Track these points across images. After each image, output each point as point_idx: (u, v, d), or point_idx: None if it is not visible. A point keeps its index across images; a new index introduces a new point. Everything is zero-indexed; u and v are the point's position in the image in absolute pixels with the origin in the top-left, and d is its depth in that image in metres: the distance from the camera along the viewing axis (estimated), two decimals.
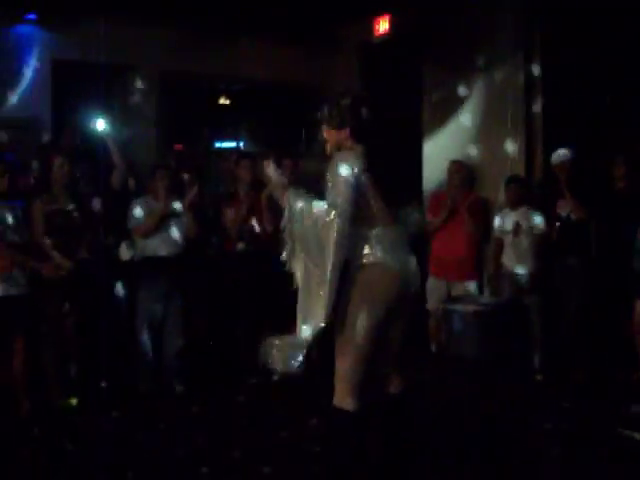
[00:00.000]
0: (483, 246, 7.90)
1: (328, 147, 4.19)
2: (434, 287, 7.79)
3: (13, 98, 8.08)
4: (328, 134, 4.18)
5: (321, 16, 8.90)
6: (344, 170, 3.92)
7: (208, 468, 4.88)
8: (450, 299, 7.71)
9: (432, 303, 7.78)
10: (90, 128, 7.47)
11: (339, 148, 4.12)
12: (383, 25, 9.24)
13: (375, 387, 4.11)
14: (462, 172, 7.91)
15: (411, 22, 8.79)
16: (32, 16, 8.22)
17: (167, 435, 5.66)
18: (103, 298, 6.38)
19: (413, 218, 4.48)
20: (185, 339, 6.80)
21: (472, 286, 7.81)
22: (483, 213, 7.87)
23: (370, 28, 9.35)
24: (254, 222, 7.05)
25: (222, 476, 4.84)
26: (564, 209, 7.14)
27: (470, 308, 7.68)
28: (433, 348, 7.84)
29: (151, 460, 5.12)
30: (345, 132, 4.10)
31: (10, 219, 6.10)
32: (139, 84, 8.43)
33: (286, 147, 8.67)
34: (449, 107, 8.53)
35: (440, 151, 8.52)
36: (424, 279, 7.83)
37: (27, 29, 8.27)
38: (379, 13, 9.19)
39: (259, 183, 6.90)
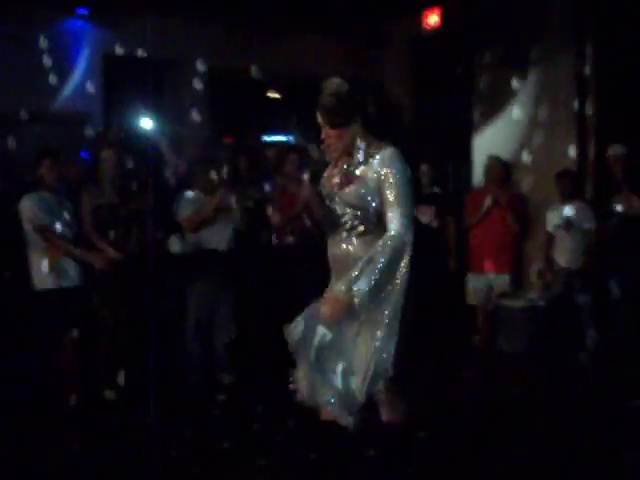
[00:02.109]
0: (522, 241, 7.86)
1: (332, 151, 3.71)
2: (475, 283, 7.76)
3: (64, 93, 8.16)
4: (333, 136, 3.65)
5: (371, 10, 8.85)
6: (405, 167, 3.55)
7: (263, 459, 4.86)
8: (498, 295, 7.67)
9: (475, 299, 7.75)
10: (140, 122, 7.54)
11: (348, 149, 3.66)
12: (433, 18, 9.17)
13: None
14: (498, 168, 7.88)
15: (462, 15, 8.71)
16: (83, 11, 8.29)
17: (216, 427, 5.68)
18: (153, 291, 6.41)
19: None
20: (235, 332, 6.80)
21: (507, 279, 7.76)
22: (521, 208, 7.82)
23: (420, 22, 9.27)
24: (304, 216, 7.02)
25: (277, 466, 4.83)
26: (620, 204, 7.03)
27: (519, 304, 7.64)
28: (478, 344, 7.80)
29: (200, 451, 5.16)
30: (355, 125, 3.62)
31: (60, 212, 6.16)
32: (189, 78, 8.45)
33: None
34: (500, 101, 8.44)
35: (491, 146, 8.43)
36: (463, 275, 7.83)
37: (78, 24, 8.35)
38: (429, 6, 9.12)
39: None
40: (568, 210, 7.30)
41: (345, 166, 3.70)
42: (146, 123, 7.52)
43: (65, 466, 4.94)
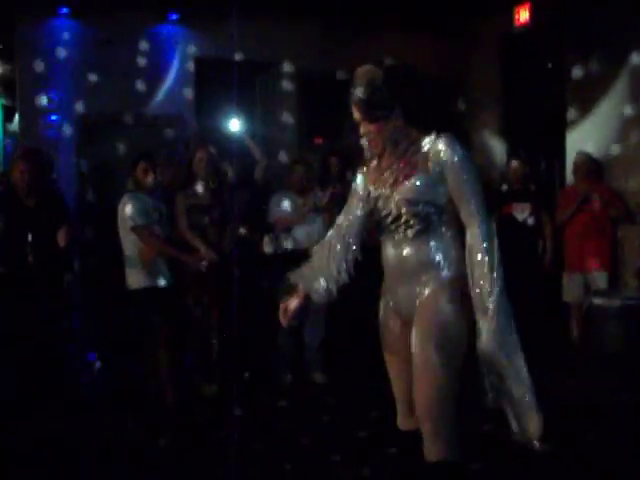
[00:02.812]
0: (617, 238, 7.71)
1: (374, 147, 3.32)
2: (571, 280, 7.64)
3: (158, 96, 8.32)
4: (374, 131, 3.26)
5: (459, 8, 8.79)
6: (467, 153, 3.21)
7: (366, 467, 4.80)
8: (593, 292, 7.53)
9: (571, 296, 7.63)
10: (231, 124, 7.64)
11: (391, 143, 3.27)
12: (523, 15, 9.04)
13: None
14: (588, 164, 7.73)
15: (552, 10, 8.57)
16: (175, 16, 8.44)
17: (308, 424, 5.71)
18: (246, 291, 6.47)
19: None
20: (326, 331, 6.83)
21: (605, 277, 7.61)
22: (619, 203, 7.65)
23: (510, 18, 9.16)
24: None
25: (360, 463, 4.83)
26: None
27: (615, 303, 7.47)
28: (575, 342, 7.67)
29: (294, 449, 5.17)
30: (396, 117, 3.21)
31: (156, 214, 6.29)
32: (280, 80, 8.52)
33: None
34: (593, 97, 8.28)
35: (584, 143, 8.27)
36: (560, 273, 7.71)
37: (170, 29, 8.50)
38: (519, 2, 9.00)
39: None
40: None
41: (393, 162, 3.30)
42: (237, 125, 7.61)
43: (158, 462, 5.03)
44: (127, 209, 6.18)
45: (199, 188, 6.59)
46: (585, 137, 8.40)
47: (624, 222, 7.70)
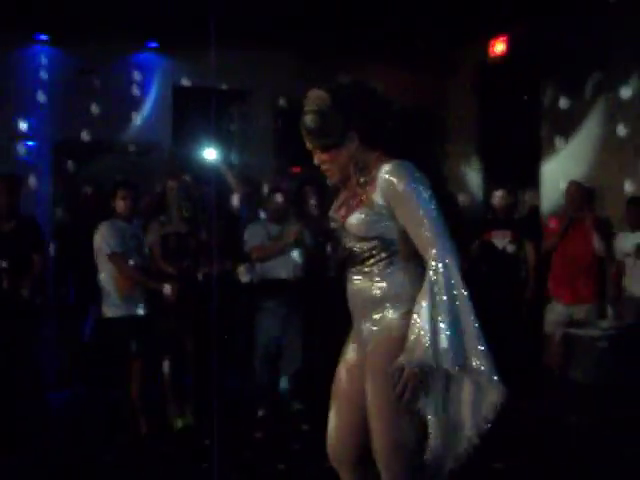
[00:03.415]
0: (605, 268, 7.71)
1: (333, 177, 3.14)
2: (554, 310, 7.64)
3: (136, 123, 8.31)
4: (328, 160, 3.07)
5: (436, 39, 8.86)
6: (418, 177, 2.92)
7: None
8: (571, 323, 7.54)
9: (550, 326, 7.63)
10: (208, 153, 7.65)
11: (349, 170, 3.07)
12: (499, 46, 9.14)
13: None
14: (580, 193, 7.73)
15: (528, 42, 8.66)
16: (153, 44, 8.45)
17: (284, 453, 5.69)
18: (221, 320, 6.46)
19: None
20: (302, 361, 6.81)
21: (592, 309, 7.60)
22: (607, 231, 7.67)
23: (486, 50, 9.25)
24: None
25: None
26: None
27: (590, 333, 7.49)
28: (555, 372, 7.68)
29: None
30: (351, 143, 3.02)
31: (133, 241, 6.27)
32: (257, 109, 8.56)
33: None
34: (568, 128, 8.35)
35: (559, 173, 8.34)
36: (542, 302, 7.72)
37: (148, 57, 8.50)
38: (495, 34, 9.09)
39: None
40: (638, 237, 7.16)
41: (349, 192, 3.13)
42: (214, 153, 7.62)
43: None
44: (104, 236, 6.16)
45: (173, 217, 6.58)
46: (560, 167, 8.46)
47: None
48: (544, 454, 5.55)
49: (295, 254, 6.72)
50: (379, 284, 3.03)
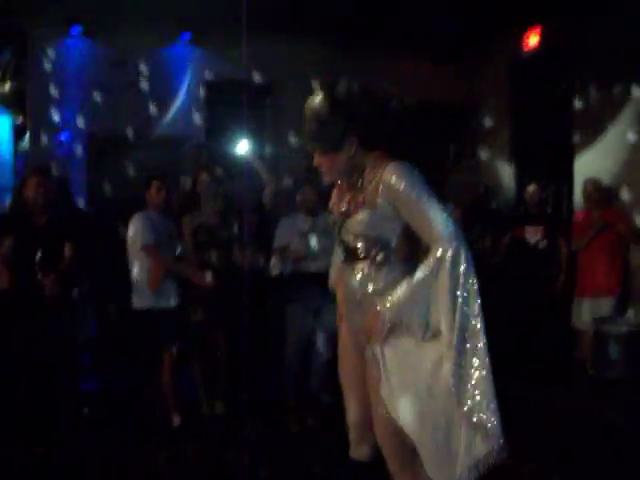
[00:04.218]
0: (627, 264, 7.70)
1: (328, 178, 3.24)
2: (580, 306, 7.63)
3: (168, 117, 8.35)
4: (326, 162, 3.16)
5: (469, 31, 8.82)
6: (415, 176, 3.01)
7: None
8: (601, 319, 7.51)
9: (579, 322, 7.62)
10: (240, 145, 7.66)
11: (344, 172, 3.18)
12: (533, 39, 9.09)
13: None
14: (597, 190, 7.72)
15: (562, 35, 8.60)
16: (187, 36, 8.48)
17: (314, 444, 5.71)
18: (253, 312, 6.48)
19: None
20: (333, 352, 6.81)
21: (614, 303, 7.59)
22: (628, 225, 7.64)
23: (520, 43, 9.20)
24: None
25: None
26: None
27: (622, 329, 7.47)
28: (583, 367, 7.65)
29: (295, 471, 5.18)
30: (350, 146, 3.10)
31: (166, 233, 6.31)
32: (290, 101, 8.56)
33: (433, 163, 8.61)
34: (601, 122, 8.30)
35: (592, 167, 8.29)
36: (570, 298, 7.70)
37: (182, 49, 8.53)
38: (529, 27, 9.04)
39: None
40: None
41: (349, 190, 3.23)
42: (246, 146, 7.64)
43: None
44: (137, 228, 6.21)
45: (205, 209, 6.61)
46: (593, 162, 8.41)
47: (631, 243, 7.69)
48: (574, 449, 5.52)
49: (327, 246, 6.71)
50: (375, 282, 3.14)
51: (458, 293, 2.88)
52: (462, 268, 2.90)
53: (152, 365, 6.33)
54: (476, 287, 2.92)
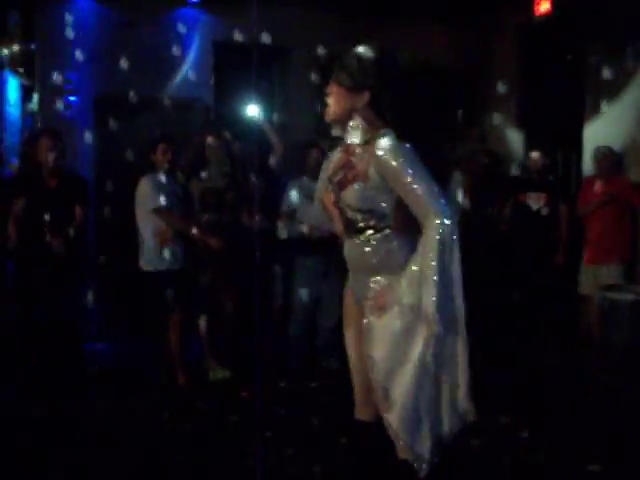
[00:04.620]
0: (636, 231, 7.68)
1: (330, 111, 3.23)
2: (588, 272, 7.62)
3: (176, 79, 8.32)
4: (337, 94, 3.17)
5: None
6: (408, 149, 3.04)
7: None
8: (607, 287, 7.51)
9: (587, 288, 7.62)
10: (248, 108, 7.64)
11: (346, 117, 3.19)
12: (544, 5, 9.00)
13: None
14: (609, 158, 7.69)
15: (573, 1, 8.52)
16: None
17: (319, 409, 5.75)
18: (260, 275, 6.49)
19: None
20: (339, 316, 6.83)
21: (621, 271, 7.59)
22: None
23: (530, 8, 9.11)
24: None
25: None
26: None
27: (628, 297, 7.47)
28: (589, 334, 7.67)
29: (306, 435, 5.22)
30: (362, 97, 3.13)
31: (173, 195, 6.32)
32: (298, 65, 8.53)
33: (442, 130, 8.56)
34: (612, 89, 8.24)
35: (602, 136, 8.24)
36: (577, 264, 7.69)
37: (190, 12, 8.49)
38: None
39: None
40: None
41: (348, 159, 3.24)
42: (254, 109, 7.62)
43: (172, 446, 5.05)
44: (146, 191, 6.23)
45: (212, 172, 6.61)
46: (603, 129, 8.37)
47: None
48: (581, 415, 5.56)
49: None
50: (374, 253, 3.19)
51: (445, 273, 2.93)
52: (452, 246, 2.95)
53: (159, 326, 6.36)
54: (459, 268, 2.98)
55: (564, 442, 5.00)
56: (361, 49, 3.13)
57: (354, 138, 3.21)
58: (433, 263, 2.90)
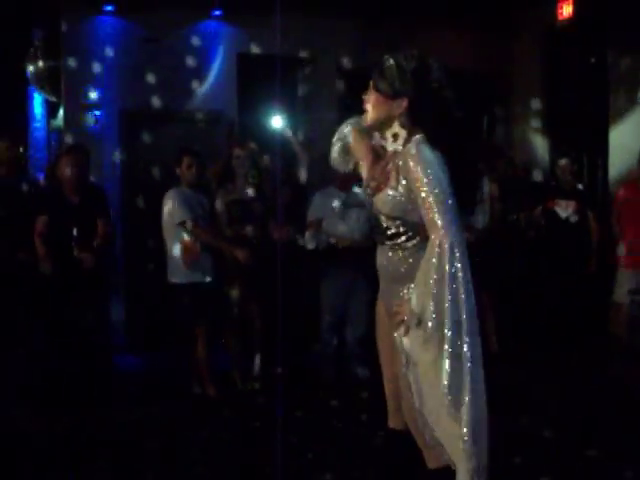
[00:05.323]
0: None
1: (368, 117, 3.24)
2: (624, 279, 7.55)
3: (201, 92, 8.36)
4: (376, 101, 3.18)
5: (504, 1, 8.75)
6: (434, 157, 3.02)
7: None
8: (636, 290, 7.46)
9: (621, 295, 7.54)
10: (273, 120, 7.67)
11: (383, 124, 3.20)
12: (567, 9, 8.97)
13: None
14: None
15: (596, 4, 8.49)
16: (218, 12, 8.47)
17: (349, 419, 5.71)
18: (288, 286, 6.50)
19: None
20: (367, 326, 6.83)
21: None
22: None
23: (553, 12, 9.08)
24: None
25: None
26: None
27: None
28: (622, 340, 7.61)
29: (336, 444, 5.19)
30: (401, 104, 3.12)
31: (199, 209, 6.35)
32: (323, 76, 8.55)
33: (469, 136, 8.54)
34: (636, 93, 8.20)
35: (628, 139, 8.19)
36: (614, 271, 7.62)
37: (213, 25, 8.53)
38: None
39: None
40: None
41: (380, 166, 3.23)
42: (279, 121, 7.64)
43: (200, 455, 5.06)
44: (173, 204, 6.26)
45: (239, 184, 6.63)
46: (628, 133, 8.32)
47: None
48: (609, 419, 5.52)
49: (359, 220, 6.72)
50: (403, 261, 3.16)
51: (448, 288, 2.87)
52: (454, 263, 2.88)
53: (188, 338, 6.38)
54: (468, 284, 2.89)
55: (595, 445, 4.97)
56: (400, 57, 3.12)
57: (391, 145, 3.21)
58: (431, 280, 2.88)
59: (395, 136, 3.19)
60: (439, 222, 2.91)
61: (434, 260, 2.89)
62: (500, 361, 6.51)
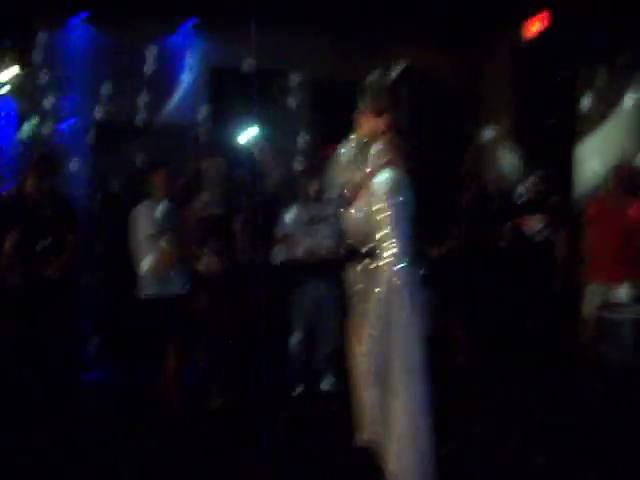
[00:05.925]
0: None
1: (359, 133, 3.43)
2: (593, 292, 7.58)
3: (171, 104, 8.34)
4: (362, 118, 3.37)
5: (472, 20, 8.82)
6: (395, 185, 3.17)
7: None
8: (607, 305, 7.49)
9: (590, 308, 7.58)
10: (244, 133, 7.67)
11: (372, 140, 3.35)
12: (534, 27, 9.07)
13: None
14: (631, 173, 7.57)
15: (563, 23, 8.59)
16: (191, 24, 8.46)
17: (318, 433, 5.75)
18: (255, 300, 6.50)
19: None
20: (336, 342, 6.84)
21: (629, 290, 7.55)
22: None
23: (521, 30, 9.18)
24: None
25: None
26: None
27: (626, 315, 7.45)
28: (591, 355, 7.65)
29: (301, 458, 5.20)
30: (384, 120, 3.30)
31: (170, 222, 6.32)
32: (292, 90, 8.56)
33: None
34: (604, 110, 8.29)
35: (594, 156, 8.28)
36: (575, 287, 7.68)
37: (185, 37, 8.52)
38: (531, 14, 9.02)
39: None
40: None
41: (358, 182, 3.38)
42: (250, 134, 7.64)
43: (171, 474, 5.04)
44: (140, 219, 6.22)
45: (208, 198, 6.62)
46: (594, 150, 8.41)
47: None
48: (579, 436, 5.56)
49: (326, 235, 6.73)
50: (371, 277, 3.23)
51: (393, 315, 3.07)
52: (398, 286, 3.06)
53: (158, 353, 6.34)
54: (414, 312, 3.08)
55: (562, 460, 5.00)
56: (377, 74, 3.29)
57: (370, 165, 3.30)
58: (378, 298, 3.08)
59: (373, 155, 3.27)
60: (390, 247, 3.05)
61: (383, 289, 3.05)
62: (469, 375, 6.56)
